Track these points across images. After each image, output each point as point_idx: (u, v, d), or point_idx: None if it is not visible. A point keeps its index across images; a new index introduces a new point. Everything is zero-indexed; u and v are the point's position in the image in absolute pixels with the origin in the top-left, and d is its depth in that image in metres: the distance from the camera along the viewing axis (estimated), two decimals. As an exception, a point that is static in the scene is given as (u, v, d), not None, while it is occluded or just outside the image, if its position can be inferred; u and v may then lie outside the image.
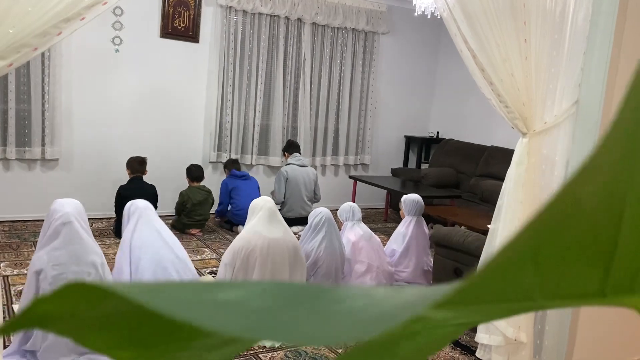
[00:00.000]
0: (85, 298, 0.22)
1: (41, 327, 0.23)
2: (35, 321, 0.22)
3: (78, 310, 0.23)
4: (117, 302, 0.22)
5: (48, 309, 0.22)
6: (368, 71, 6.85)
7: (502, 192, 2.73)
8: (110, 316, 0.23)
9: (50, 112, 5.06)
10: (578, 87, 2.68)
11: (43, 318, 0.22)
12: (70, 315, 0.23)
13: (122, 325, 0.24)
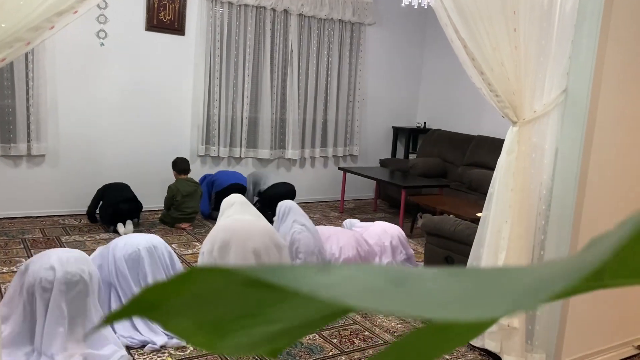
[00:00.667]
0: (204, 283, 0.23)
1: (148, 315, 0.23)
2: (144, 309, 0.23)
3: (192, 296, 0.23)
4: (229, 285, 0.22)
5: (158, 297, 0.23)
6: (355, 62, 6.85)
7: (493, 180, 2.76)
8: (217, 301, 0.24)
9: (35, 107, 4.99)
10: (566, 75, 2.72)
11: (153, 306, 0.23)
12: (181, 301, 0.23)
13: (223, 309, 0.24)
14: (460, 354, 3.01)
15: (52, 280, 2.61)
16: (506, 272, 0.26)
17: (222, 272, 0.22)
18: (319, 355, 2.90)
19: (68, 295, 2.62)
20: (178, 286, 0.23)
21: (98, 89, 5.31)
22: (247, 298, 0.24)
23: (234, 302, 0.24)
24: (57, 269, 2.64)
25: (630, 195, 3.04)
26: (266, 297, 0.23)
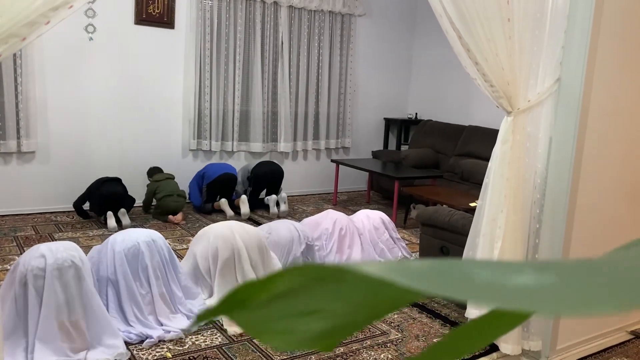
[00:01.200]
0: (305, 280, 0.23)
1: (235, 313, 0.23)
2: (235, 306, 0.23)
3: (278, 294, 0.23)
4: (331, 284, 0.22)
5: (250, 295, 0.23)
6: (346, 54, 6.84)
7: (488, 170, 2.77)
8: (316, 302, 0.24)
9: (24, 103, 4.93)
10: (559, 65, 2.73)
11: (242, 303, 0.23)
12: (271, 301, 0.23)
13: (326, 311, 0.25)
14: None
15: (43, 268, 2.59)
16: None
17: (334, 270, 0.23)
18: (318, 347, 2.91)
19: (62, 280, 2.61)
20: (273, 283, 0.23)
21: (88, 84, 5.26)
22: (324, 294, 0.24)
23: (310, 298, 0.25)
24: (48, 256, 2.63)
25: (623, 183, 3.07)
26: (343, 290, 0.23)
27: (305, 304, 0.25)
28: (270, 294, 0.23)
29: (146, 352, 2.74)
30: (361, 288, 0.23)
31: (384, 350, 2.92)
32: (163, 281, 3.08)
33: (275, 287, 0.23)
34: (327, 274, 0.23)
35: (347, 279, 0.22)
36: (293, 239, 3.71)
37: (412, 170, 6.05)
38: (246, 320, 0.24)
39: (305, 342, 0.26)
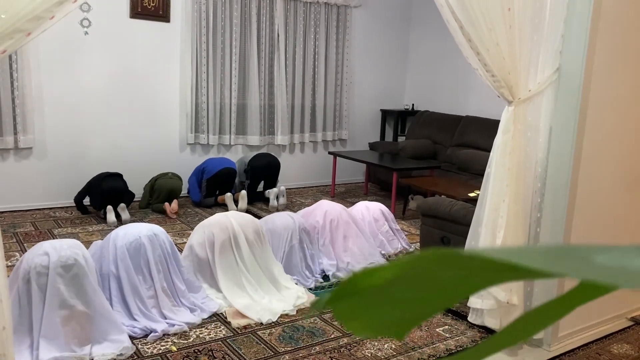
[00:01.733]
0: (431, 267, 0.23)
1: (345, 302, 0.24)
2: (348, 294, 0.23)
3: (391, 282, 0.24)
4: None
5: (366, 282, 0.23)
6: (342, 45, 6.82)
7: (490, 160, 2.79)
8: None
9: (20, 99, 4.90)
10: (559, 54, 2.74)
11: (356, 291, 0.23)
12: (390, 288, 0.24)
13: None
14: (459, 331, 3.07)
15: (46, 265, 2.60)
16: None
17: (460, 257, 0.23)
18: (322, 338, 2.93)
19: (65, 277, 2.62)
20: (391, 269, 0.23)
21: (84, 78, 5.23)
22: (429, 281, 0.25)
23: (415, 285, 0.25)
24: (51, 254, 2.64)
25: (623, 171, 3.09)
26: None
27: (408, 292, 0.25)
28: (383, 281, 0.24)
29: (151, 346, 2.75)
30: (473, 273, 0.24)
31: (387, 340, 2.94)
32: (165, 275, 3.08)
33: (392, 273, 0.24)
34: (452, 260, 0.23)
35: (469, 265, 0.23)
36: (289, 228, 3.71)
37: (409, 162, 6.06)
38: (344, 308, 0.25)
39: (389, 329, 0.27)
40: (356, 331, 0.28)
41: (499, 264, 0.23)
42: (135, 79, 5.50)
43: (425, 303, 0.27)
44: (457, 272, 0.25)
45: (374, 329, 0.27)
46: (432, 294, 0.26)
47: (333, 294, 0.24)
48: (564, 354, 2.89)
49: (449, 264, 0.24)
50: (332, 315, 3.33)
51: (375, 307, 0.26)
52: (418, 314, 0.28)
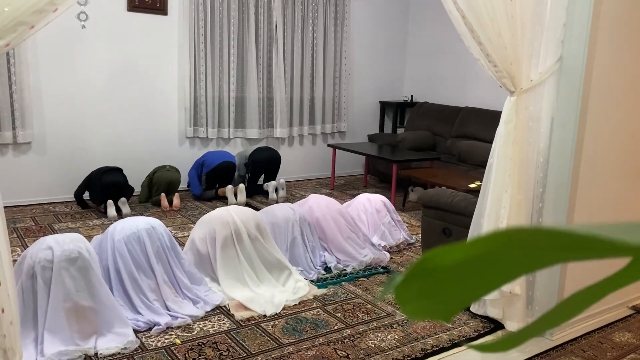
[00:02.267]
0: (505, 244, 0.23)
1: (429, 282, 0.24)
2: (424, 274, 0.23)
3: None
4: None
5: (442, 260, 0.23)
6: (340, 37, 6.79)
7: (492, 151, 2.79)
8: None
9: (18, 94, 4.88)
10: (561, 43, 2.73)
11: (432, 271, 0.23)
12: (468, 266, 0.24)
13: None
14: (462, 322, 3.08)
15: (51, 259, 2.60)
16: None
17: (549, 232, 0.23)
18: (325, 329, 2.94)
19: (70, 271, 2.62)
20: (464, 251, 0.23)
21: (82, 72, 5.21)
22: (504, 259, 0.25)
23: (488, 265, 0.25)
24: (55, 248, 2.63)
25: (625, 161, 3.10)
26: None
27: (474, 272, 0.25)
28: (454, 262, 0.24)
29: (155, 340, 2.75)
30: (544, 250, 0.24)
31: (390, 331, 2.95)
32: (165, 267, 3.08)
33: (464, 253, 0.24)
34: (527, 236, 0.23)
35: (545, 240, 0.23)
36: (290, 219, 3.71)
37: (409, 153, 6.06)
38: (408, 290, 0.25)
39: (441, 312, 0.27)
40: (410, 314, 0.28)
41: (578, 238, 0.23)
42: (134, 73, 5.47)
43: (485, 283, 0.27)
44: (527, 250, 0.25)
45: (427, 312, 0.27)
46: (496, 273, 0.26)
47: (407, 276, 0.23)
48: (567, 342, 2.91)
49: (523, 241, 0.24)
50: (379, 297, 3.31)
51: (438, 289, 0.26)
52: (474, 294, 0.28)
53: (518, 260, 0.25)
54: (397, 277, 0.23)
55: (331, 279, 3.63)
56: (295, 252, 3.68)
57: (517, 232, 0.23)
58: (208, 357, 2.61)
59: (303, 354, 2.67)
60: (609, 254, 0.27)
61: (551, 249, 0.25)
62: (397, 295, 0.26)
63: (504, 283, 0.29)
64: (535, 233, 0.23)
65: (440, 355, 2.73)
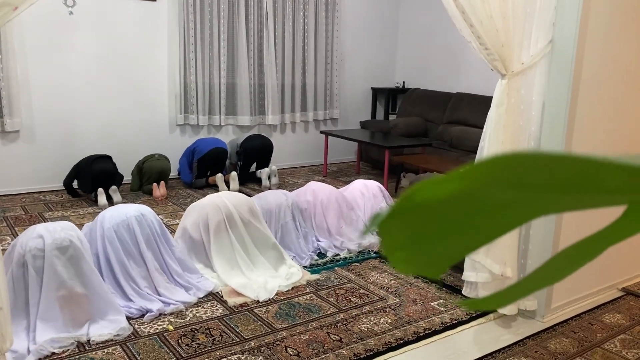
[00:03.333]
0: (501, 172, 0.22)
1: (417, 218, 0.23)
2: (413, 208, 0.22)
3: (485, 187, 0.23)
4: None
5: (431, 193, 0.22)
6: (332, 23, 6.75)
7: (484, 134, 2.78)
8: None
9: (5, 82, 4.81)
10: (552, 26, 2.73)
11: (424, 205, 0.22)
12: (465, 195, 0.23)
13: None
14: (454, 305, 3.09)
15: (42, 248, 2.58)
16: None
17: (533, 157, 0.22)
18: (318, 314, 2.95)
19: (62, 259, 2.60)
20: (462, 181, 0.22)
21: (70, 60, 5.14)
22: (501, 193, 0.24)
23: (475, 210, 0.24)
24: (46, 237, 2.61)
25: (614, 145, 3.10)
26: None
27: (468, 211, 0.24)
28: (448, 194, 0.23)
29: (148, 326, 2.75)
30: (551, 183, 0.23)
31: (383, 315, 2.96)
32: (156, 255, 3.06)
33: (460, 184, 0.23)
34: (534, 162, 0.22)
35: (553, 168, 0.22)
36: (281, 205, 3.71)
37: (401, 139, 6.05)
38: (396, 230, 0.24)
39: (431, 264, 0.26)
40: (398, 264, 0.27)
41: (597, 164, 0.22)
42: (122, 60, 5.41)
43: (479, 227, 0.26)
44: (526, 185, 0.24)
45: (417, 262, 0.26)
46: (490, 216, 0.25)
47: (395, 208, 0.22)
48: (557, 324, 2.93)
49: (525, 170, 0.23)
50: (380, 245, 3.35)
51: (426, 232, 0.25)
52: (466, 242, 0.27)
53: (516, 199, 0.25)
54: (382, 212, 0.22)
55: (324, 264, 3.64)
56: (287, 238, 3.68)
57: (517, 158, 0.22)
58: (201, 343, 2.61)
59: (296, 339, 2.68)
60: (614, 189, 0.26)
61: (553, 185, 0.24)
62: (383, 239, 0.26)
63: (499, 233, 0.28)
64: (537, 159, 0.22)
65: (432, 338, 2.75)
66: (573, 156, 0.22)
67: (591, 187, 0.25)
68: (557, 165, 0.23)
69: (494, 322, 2.94)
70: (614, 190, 0.25)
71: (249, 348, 2.58)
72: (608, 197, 0.26)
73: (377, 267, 3.65)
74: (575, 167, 0.23)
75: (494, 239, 0.28)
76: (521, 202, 0.25)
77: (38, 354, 2.42)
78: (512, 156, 0.22)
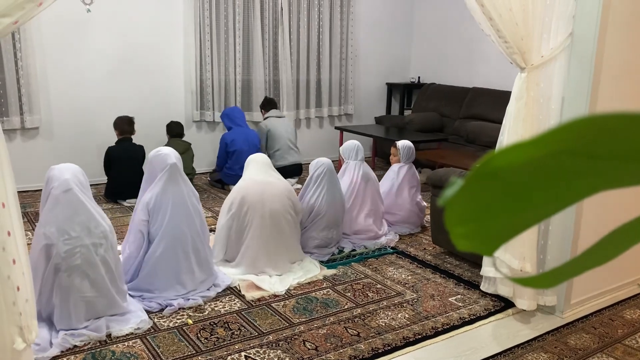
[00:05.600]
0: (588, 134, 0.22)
1: (496, 183, 0.23)
2: (495, 174, 0.22)
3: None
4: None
5: (515, 159, 0.22)
6: (346, 17, 6.73)
7: (503, 128, 2.76)
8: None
9: (25, 79, 4.88)
10: (572, 18, 2.69)
11: (504, 169, 0.22)
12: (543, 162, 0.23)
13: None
14: (472, 300, 3.08)
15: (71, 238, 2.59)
16: None
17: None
18: (335, 308, 2.95)
19: (91, 252, 2.61)
20: (542, 145, 0.22)
21: (88, 57, 5.19)
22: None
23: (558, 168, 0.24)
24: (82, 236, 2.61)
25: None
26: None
27: (544, 178, 0.24)
28: (527, 159, 0.23)
29: (167, 320, 2.77)
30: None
31: (401, 310, 2.96)
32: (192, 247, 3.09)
33: (539, 148, 0.23)
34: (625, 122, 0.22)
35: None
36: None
37: (416, 135, 6.03)
38: (466, 200, 0.24)
39: (490, 240, 0.26)
40: (458, 239, 0.27)
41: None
42: (139, 57, 5.45)
43: (548, 199, 0.26)
44: (606, 148, 0.23)
45: (476, 237, 0.26)
46: (562, 185, 0.25)
47: (473, 173, 0.23)
48: (577, 320, 2.91)
49: (604, 131, 0.23)
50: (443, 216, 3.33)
51: (498, 199, 0.25)
52: (531, 215, 0.27)
53: (587, 168, 0.24)
54: (456, 180, 0.22)
55: (340, 259, 3.64)
56: (307, 233, 3.69)
57: (594, 120, 0.22)
58: (220, 337, 2.63)
59: (314, 333, 2.69)
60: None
61: (626, 150, 0.24)
62: (447, 212, 0.26)
63: (565, 204, 0.28)
64: (615, 120, 0.22)
65: (450, 333, 2.74)
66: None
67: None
68: (633, 128, 0.22)
69: (513, 317, 2.92)
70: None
71: (268, 342, 2.60)
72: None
73: (394, 262, 3.65)
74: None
75: (558, 211, 0.28)
76: (591, 172, 0.25)
77: (60, 347, 2.46)
78: (589, 119, 0.22)
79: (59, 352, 2.44)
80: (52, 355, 2.41)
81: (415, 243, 4.04)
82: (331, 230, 3.65)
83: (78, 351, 2.47)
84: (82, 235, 2.55)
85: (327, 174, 3.62)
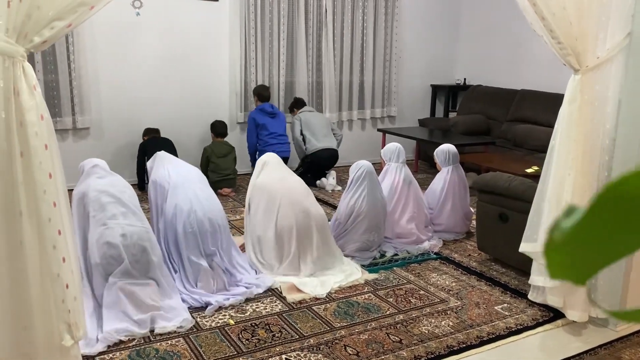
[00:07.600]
0: None
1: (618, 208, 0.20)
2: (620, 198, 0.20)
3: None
4: None
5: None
6: (391, 19, 6.66)
7: (555, 132, 2.66)
8: None
9: (77, 80, 5.04)
10: (631, 18, 2.57)
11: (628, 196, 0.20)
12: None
13: None
14: (519, 309, 2.98)
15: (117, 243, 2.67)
16: None
17: None
18: (377, 314, 2.91)
19: (135, 252, 2.70)
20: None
21: (136, 59, 5.32)
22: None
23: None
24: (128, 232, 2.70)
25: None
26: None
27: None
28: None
29: (209, 320, 2.79)
30: None
31: (444, 317, 2.89)
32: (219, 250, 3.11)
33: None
34: None
35: None
36: None
37: (462, 137, 5.91)
38: (579, 228, 0.21)
39: (581, 270, 0.23)
40: (553, 267, 0.24)
41: None
42: (186, 58, 5.55)
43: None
44: None
45: (571, 266, 0.23)
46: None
47: (598, 199, 0.20)
48: (632, 334, 2.77)
49: None
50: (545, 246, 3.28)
51: (610, 224, 0.22)
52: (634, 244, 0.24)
53: None
54: (575, 211, 0.20)
55: (382, 264, 3.59)
56: (350, 236, 3.66)
57: None
58: (261, 338, 2.63)
59: (355, 338, 2.66)
60: None
61: None
62: (551, 240, 0.23)
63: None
64: None
65: (496, 343, 2.66)
66: None
67: None
68: None
69: (562, 328, 2.81)
70: None
71: (308, 345, 2.58)
72: None
73: (438, 268, 3.57)
74: None
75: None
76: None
77: (106, 342, 2.51)
78: None
79: (105, 347, 2.49)
80: (98, 350, 2.46)
81: (460, 249, 3.95)
82: (372, 233, 3.61)
83: (123, 347, 2.51)
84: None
85: (367, 176, 3.58)
